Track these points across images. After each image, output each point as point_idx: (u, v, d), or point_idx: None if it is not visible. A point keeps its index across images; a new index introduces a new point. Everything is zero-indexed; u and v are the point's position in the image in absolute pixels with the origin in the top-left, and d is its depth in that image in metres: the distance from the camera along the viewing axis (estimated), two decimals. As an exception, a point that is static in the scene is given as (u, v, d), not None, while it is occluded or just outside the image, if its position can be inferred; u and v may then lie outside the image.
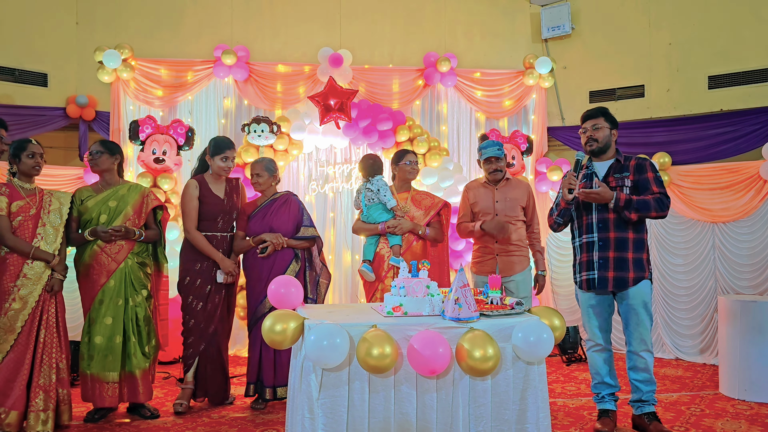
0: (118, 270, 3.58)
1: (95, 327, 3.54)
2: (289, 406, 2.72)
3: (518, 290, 3.84)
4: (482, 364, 2.32)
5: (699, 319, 5.14)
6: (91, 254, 3.57)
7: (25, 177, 3.46)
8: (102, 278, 3.56)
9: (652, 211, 3.23)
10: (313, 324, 2.43)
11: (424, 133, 5.63)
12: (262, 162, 3.98)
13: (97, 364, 3.52)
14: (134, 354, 3.60)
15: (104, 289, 3.56)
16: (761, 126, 5.14)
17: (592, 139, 3.39)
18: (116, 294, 3.57)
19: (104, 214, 3.60)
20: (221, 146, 3.86)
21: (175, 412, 3.72)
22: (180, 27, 6.07)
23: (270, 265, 3.82)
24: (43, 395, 3.29)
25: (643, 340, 3.30)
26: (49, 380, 3.32)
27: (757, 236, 4.92)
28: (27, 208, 3.39)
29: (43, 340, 3.34)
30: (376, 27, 6.26)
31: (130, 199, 3.68)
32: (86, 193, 3.67)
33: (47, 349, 3.35)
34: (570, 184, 3.31)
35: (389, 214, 3.94)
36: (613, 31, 6.07)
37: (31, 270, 3.34)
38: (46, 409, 3.28)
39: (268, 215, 3.91)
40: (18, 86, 5.76)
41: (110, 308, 3.56)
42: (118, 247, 3.59)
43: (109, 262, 3.57)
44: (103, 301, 3.56)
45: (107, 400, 3.53)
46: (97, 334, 3.53)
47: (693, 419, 3.58)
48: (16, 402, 3.22)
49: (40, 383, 3.30)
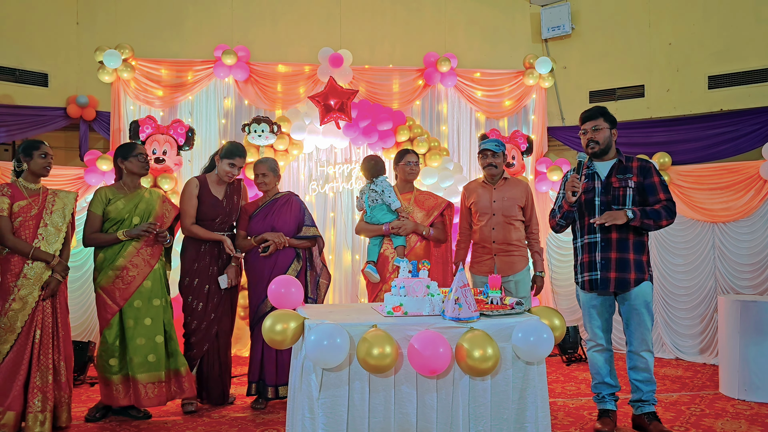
0: (153, 271, 3.62)
1: (135, 329, 3.54)
2: (290, 405, 2.73)
3: (516, 290, 3.83)
4: (482, 363, 2.32)
5: (699, 319, 5.14)
6: (125, 255, 3.56)
7: (33, 177, 3.45)
8: (138, 279, 3.57)
9: (663, 220, 3.25)
10: (313, 324, 2.43)
11: (424, 133, 5.63)
12: (266, 162, 3.99)
13: (141, 366, 3.53)
14: (176, 352, 3.67)
15: (140, 290, 3.58)
16: (761, 126, 5.14)
17: (593, 141, 3.37)
18: (153, 295, 3.61)
19: (137, 216, 3.63)
20: (232, 152, 3.85)
21: (185, 412, 3.73)
22: (180, 27, 6.07)
23: (271, 264, 3.83)
24: (40, 396, 3.26)
25: (644, 340, 3.30)
26: (46, 381, 3.29)
27: (757, 236, 4.92)
28: (29, 208, 3.38)
29: (39, 340, 3.31)
30: (376, 27, 6.26)
31: (154, 203, 3.72)
32: (111, 194, 3.65)
33: (44, 350, 3.32)
34: (573, 187, 3.29)
35: (393, 215, 3.94)
36: (613, 31, 6.07)
37: (31, 270, 3.33)
38: (43, 410, 3.26)
39: (270, 215, 3.92)
40: (18, 86, 5.76)
41: (149, 309, 3.59)
42: (152, 249, 3.62)
43: (144, 265, 3.59)
44: (140, 302, 3.57)
45: (155, 399, 3.56)
46: (139, 336, 3.54)
47: (693, 419, 3.58)
48: (12, 402, 3.21)
49: (37, 384, 3.27)
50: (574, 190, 3.29)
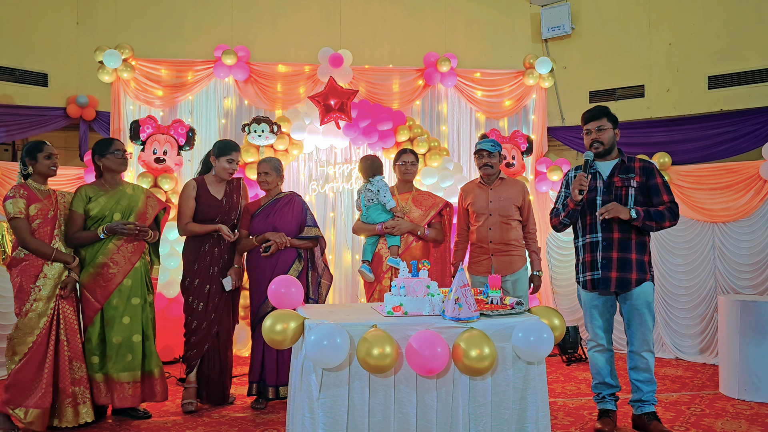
0: (134, 269, 3.59)
1: (112, 327, 3.52)
2: (290, 405, 2.73)
3: (514, 290, 3.83)
4: (478, 363, 2.32)
5: (699, 318, 5.14)
6: (105, 253, 3.53)
7: (41, 178, 3.46)
8: (118, 277, 3.54)
9: (666, 222, 3.25)
10: (313, 324, 2.43)
11: (424, 133, 5.63)
12: (270, 162, 4.00)
13: (117, 365, 3.52)
14: (152, 353, 3.63)
15: (120, 288, 3.55)
16: (761, 126, 5.14)
17: (597, 141, 3.36)
18: (132, 293, 3.58)
19: (118, 213, 3.60)
20: (227, 148, 3.88)
21: (185, 412, 3.72)
22: (180, 27, 6.08)
23: (273, 264, 3.82)
24: (81, 388, 3.38)
25: (646, 340, 3.30)
26: (83, 372, 3.41)
27: (757, 236, 4.92)
28: (45, 210, 3.39)
29: (66, 338, 3.37)
30: (376, 27, 6.27)
31: (137, 199, 3.69)
32: (93, 191, 3.62)
33: (71, 346, 3.39)
34: (581, 185, 3.27)
35: (388, 214, 3.94)
36: (613, 31, 6.07)
37: (51, 270, 3.36)
38: (84, 402, 3.38)
39: (272, 215, 3.92)
40: (18, 86, 5.76)
41: (127, 308, 3.56)
42: (133, 246, 3.60)
43: (125, 262, 3.57)
44: (119, 300, 3.55)
45: (129, 400, 3.52)
46: (116, 334, 3.52)
47: (693, 419, 3.58)
48: (39, 401, 3.22)
49: (77, 377, 3.38)
50: (581, 188, 3.27)
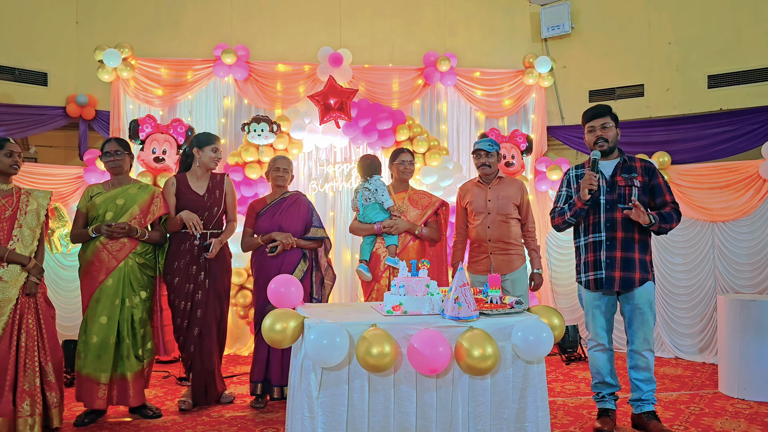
0: (117, 269, 3.54)
1: (91, 326, 3.50)
2: (289, 405, 2.73)
3: (514, 289, 3.82)
4: (481, 363, 2.32)
5: (698, 318, 5.14)
6: (92, 250, 3.54)
7: (2, 177, 3.33)
8: (101, 276, 3.52)
9: (673, 223, 3.27)
10: (312, 323, 2.43)
11: (423, 133, 5.63)
12: (287, 159, 4.08)
13: (91, 364, 3.48)
14: (127, 356, 3.54)
15: (102, 287, 3.52)
16: (761, 125, 5.14)
17: (602, 138, 3.36)
18: (113, 293, 3.53)
19: (110, 211, 3.58)
20: (210, 138, 3.89)
21: (180, 410, 3.72)
22: (180, 26, 6.07)
23: (278, 264, 3.82)
24: (29, 400, 3.17)
25: (647, 339, 3.30)
26: (33, 384, 3.20)
27: (756, 235, 4.92)
28: (3, 209, 3.27)
29: (25, 344, 3.20)
30: (376, 26, 6.26)
31: (138, 198, 3.66)
32: (96, 191, 3.66)
33: (29, 354, 3.22)
34: (591, 184, 3.25)
35: (386, 214, 3.94)
36: (613, 31, 6.07)
37: (7, 273, 3.20)
38: (32, 414, 3.16)
39: (278, 214, 3.92)
40: (18, 85, 5.76)
41: (106, 307, 3.51)
42: (120, 245, 3.56)
43: (110, 260, 3.53)
44: (100, 299, 3.51)
45: (96, 402, 3.46)
46: (93, 334, 3.49)
47: (692, 418, 3.58)
48: (1, 409, 3.11)
49: (25, 388, 3.17)
50: (591, 188, 3.25)
